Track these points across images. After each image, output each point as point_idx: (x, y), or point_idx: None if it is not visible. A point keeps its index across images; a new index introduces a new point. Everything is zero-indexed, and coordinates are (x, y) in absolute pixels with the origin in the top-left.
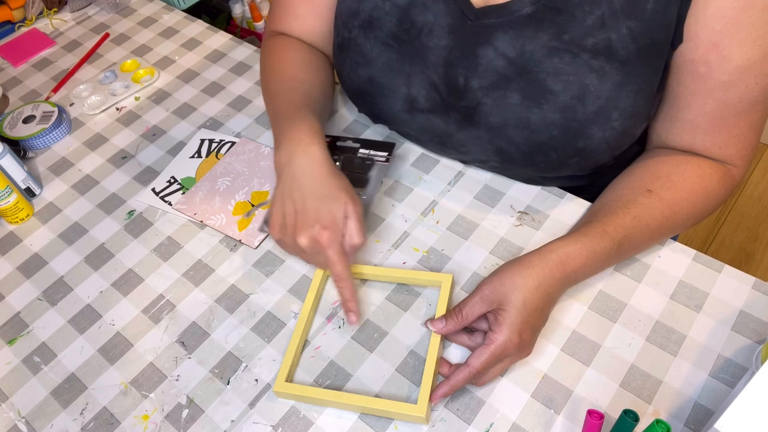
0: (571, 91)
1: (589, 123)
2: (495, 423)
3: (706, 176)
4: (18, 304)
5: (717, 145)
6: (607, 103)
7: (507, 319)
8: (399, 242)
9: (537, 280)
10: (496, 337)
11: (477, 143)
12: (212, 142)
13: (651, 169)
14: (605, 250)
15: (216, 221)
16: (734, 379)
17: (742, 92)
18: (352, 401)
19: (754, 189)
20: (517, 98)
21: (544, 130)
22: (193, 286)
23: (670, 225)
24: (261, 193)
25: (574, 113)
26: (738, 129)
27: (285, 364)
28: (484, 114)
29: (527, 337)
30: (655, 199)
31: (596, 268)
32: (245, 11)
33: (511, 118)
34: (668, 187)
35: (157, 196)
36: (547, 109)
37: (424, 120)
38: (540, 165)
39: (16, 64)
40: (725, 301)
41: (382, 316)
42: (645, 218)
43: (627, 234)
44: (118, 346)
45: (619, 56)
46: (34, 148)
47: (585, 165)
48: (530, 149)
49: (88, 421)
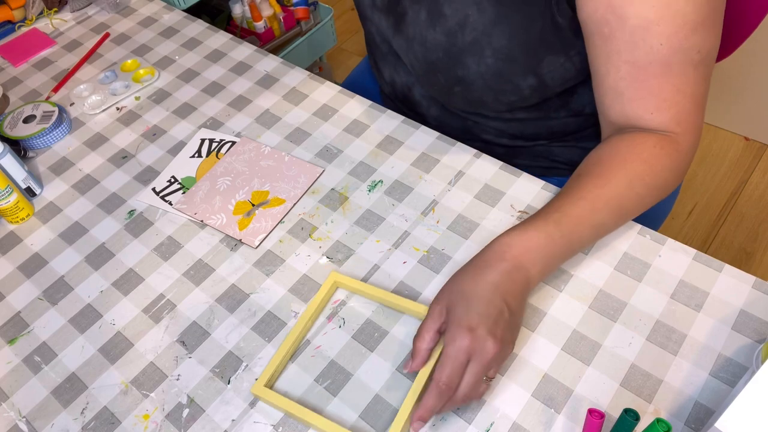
0: (456, 18)
1: (465, 52)
2: (495, 422)
3: (645, 147)
4: (18, 303)
5: (648, 112)
6: (482, 36)
7: (452, 319)
8: (399, 242)
9: (473, 271)
10: (447, 341)
11: (403, 53)
12: (212, 142)
13: (594, 154)
14: (548, 232)
15: (216, 221)
16: (734, 378)
17: (648, 53)
18: (321, 426)
19: (754, 189)
20: (425, 15)
21: (434, 50)
22: (194, 286)
23: (617, 203)
24: (261, 192)
25: (455, 39)
26: (664, 93)
27: (268, 369)
28: (406, 24)
29: (483, 332)
30: (594, 180)
31: (545, 252)
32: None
33: (418, 33)
34: (608, 167)
35: (158, 195)
36: (438, 31)
37: (377, 19)
38: (435, 87)
39: (17, 64)
40: (725, 301)
41: (382, 315)
42: (588, 199)
43: (566, 212)
44: (119, 346)
45: None
46: (35, 147)
47: (471, 99)
48: (426, 67)
49: (88, 421)
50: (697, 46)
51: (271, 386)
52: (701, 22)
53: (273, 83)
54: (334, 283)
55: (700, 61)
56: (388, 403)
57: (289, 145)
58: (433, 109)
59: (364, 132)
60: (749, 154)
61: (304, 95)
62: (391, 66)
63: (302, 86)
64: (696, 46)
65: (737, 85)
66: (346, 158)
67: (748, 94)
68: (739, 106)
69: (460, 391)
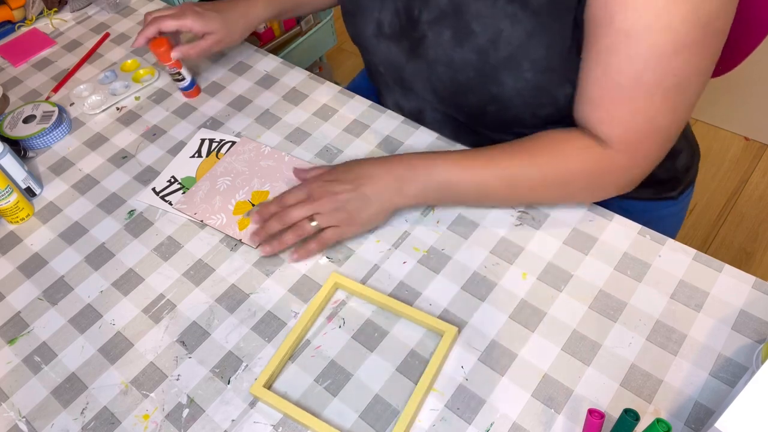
0: (487, 34)
1: (500, 68)
2: (495, 422)
3: (570, 145)
4: (18, 303)
5: (600, 120)
6: (518, 50)
7: (329, 169)
8: (399, 242)
9: (372, 161)
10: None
11: (420, 78)
12: (212, 142)
13: (539, 134)
14: (440, 172)
15: (216, 221)
16: (734, 378)
17: (624, 62)
18: (318, 428)
19: (754, 189)
20: (449, 35)
21: (463, 69)
22: (194, 286)
23: (511, 178)
24: (261, 192)
25: (487, 56)
26: (622, 109)
27: (268, 369)
28: (425, 47)
29: (331, 185)
30: (509, 151)
31: (426, 185)
32: None
33: (441, 54)
34: (528, 146)
35: (158, 195)
36: (467, 49)
37: (385, 48)
38: (463, 109)
39: (17, 64)
40: (725, 301)
41: (382, 316)
42: (490, 161)
43: (464, 161)
44: (119, 346)
45: (532, 5)
46: (35, 147)
47: (506, 118)
48: (454, 89)
49: (88, 421)
50: (675, 69)
51: (271, 386)
52: (689, 45)
53: (273, 83)
54: (334, 284)
55: (673, 86)
56: (388, 404)
57: (289, 145)
58: (446, 131)
59: (364, 132)
60: (749, 154)
61: (304, 95)
62: (398, 94)
63: (302, 86)
64: (674, 70)
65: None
66: (346, 158)
67: (748, 94)
68: (739, 106)
69: (285, 213)
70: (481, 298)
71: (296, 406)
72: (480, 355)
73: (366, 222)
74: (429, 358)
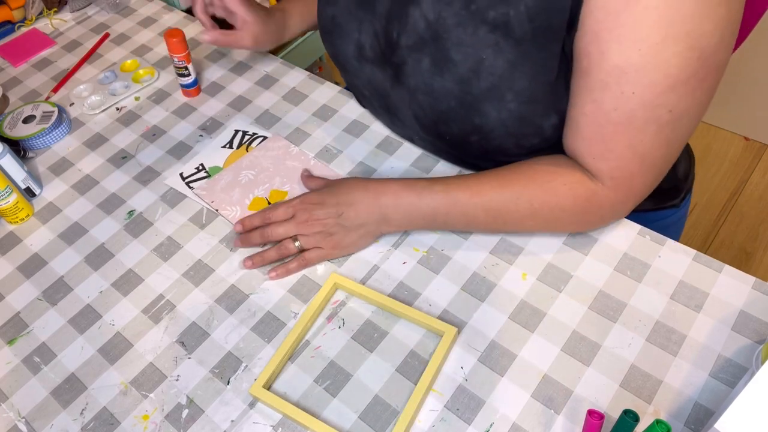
0: (468, 64)
1: (482, 99)
2: (495, 423)
3: (558, 178)
4: (18, 304)
5: (591, 155)
6: (500, 81)
7: (312, 192)
8: (399, 242)
9: (358, 182)
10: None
11: (403, 106)
12: (245, 134)
13: (526, 161)
14: (424, 199)
15: (230, 212)
16: (734, 379)
17: (618, 98)
18: (316, 429)
19: (754, 189)
20: (428, 63)
21: (444, 99)
22: (193, 286)
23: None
24: (280, 192)
25: (469, 86)
26: (614, 144)
27: (267, 369)
28: (406, 74)
29: (316, 208)
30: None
31: (410, 212)
32: None
33: (421, 82)
34: (516, 176)
35: (183, 181)
36: (447, 78)
37: (369, 71)
38: (445, 138)
39: (16, 64)
40: (725, 301)
41: (382, 316)
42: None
43: (450, 191)
44: (118, 346)
45: (515, 34)
46: (34, 148)
47: (489, 148)
48: (435, 117)
49: (88, 421)
50: (669, 105)
51: (270, 387)
52: (684, 81)
53: (273, 83)
54: (334, 284)
55: (668, 122)
56: (388, 404)
57: (288, 145)
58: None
59: (364, 132)
60: (749, 154)
61: (304, 95)
62: (386, 120)
63: (302, 86)
64: (668, 105)
65: (737, 85)
66: (346, 158)
67: (748, 94)
68: (739, 106)
69: (267, 229)
70: (480, 299)
71: (296, 406)
72: (480, 355)
73: (349, 246)
74: (429, 358)
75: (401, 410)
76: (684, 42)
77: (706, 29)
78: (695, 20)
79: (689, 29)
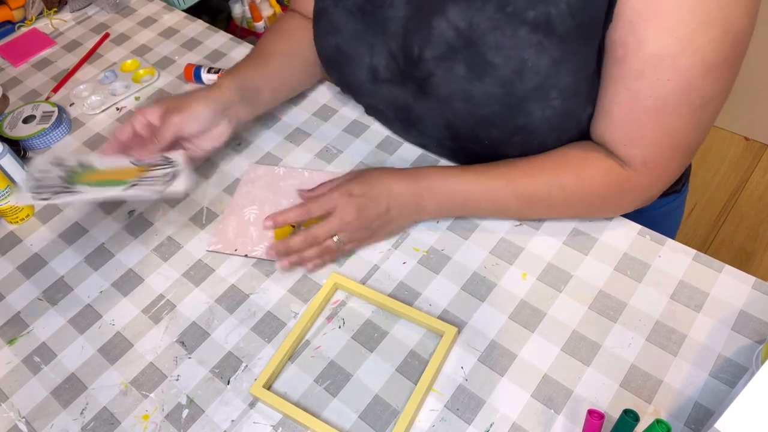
0: (511, 66)
1: (527, 99)
2: (495, 423)
3: (590, 166)
4: (18, 304)
5: (623, 143)
6: (546, 79)
7: (345, 182)
8: (399, 242)
9: (390, 173)
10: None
11: (431, 116)
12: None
13: (557, 149)
14: (458, 186)
15: (261, 251)
16: (734, 378)
17: (654, 85)
18: (317, 429)
19: (754, 189)
20: (463, 70)
21: (486, 104)
22: (193, 286)
23: (530, 197)
24: None
25: (513, 88)
26: (647, 129)
27: (267, 369)
28: (435, 85)
29: (355, 201)
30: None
31: (446, 200)
32: (245, 11)
33: (457, 90)
34: (549, 164)
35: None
36: (488, 83)
37: (386, 91)
38: (484, 142)
39: (16, 64)
40: (725, 301)
41: (382, 316)
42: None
43: (483, 179)
44: (118, 346)
45: (558, 32)
46: (34, 148)
47: (530, 146)
48: (474, 123)
49: (88, 421)
50: (703, 89)
51: (270, 387)
52: (718, 65)
53: None
54: (334, 284)
55: (700, 105)
56: (388, 404)
57: (288, 145)
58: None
59: (364, 132)
60: (749, 154)
61: (304, 95)
62: (399, 129)
63: None
64: (702, 90)
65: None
66: (346, 158)
67: (748, 94)
68: (739, 106)
69: (312, 229)
70: (480, 299)
71: (296, 406)
72: (480, 355)
73: (384, 237)
74: (429, 358)
75: (401, 410)
76: (719, 26)
77: (738, 13)
78: (729, 5)
79: (725, 14)
